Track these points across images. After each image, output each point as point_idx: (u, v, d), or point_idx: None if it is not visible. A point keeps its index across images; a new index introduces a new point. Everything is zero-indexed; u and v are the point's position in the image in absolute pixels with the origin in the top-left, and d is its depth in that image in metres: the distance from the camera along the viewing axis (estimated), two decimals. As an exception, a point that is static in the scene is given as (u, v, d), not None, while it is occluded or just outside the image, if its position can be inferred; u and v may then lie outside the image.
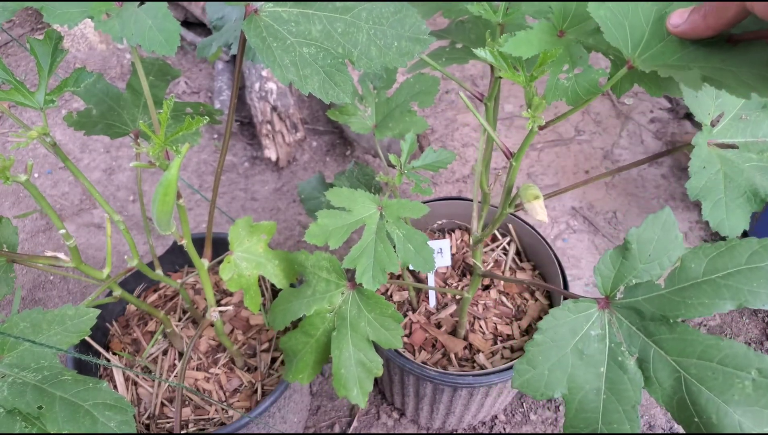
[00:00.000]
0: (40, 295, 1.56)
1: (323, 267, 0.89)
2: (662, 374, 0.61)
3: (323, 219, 0.81)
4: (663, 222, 0.66)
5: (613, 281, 0.67)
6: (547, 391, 0.64)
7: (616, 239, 1.66)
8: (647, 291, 0.64)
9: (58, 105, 1.10)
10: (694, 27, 0.53)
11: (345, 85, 0.62)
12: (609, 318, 0.66)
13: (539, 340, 0.65)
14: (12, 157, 0.64)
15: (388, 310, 0.84)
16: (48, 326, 0.68)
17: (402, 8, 0.62)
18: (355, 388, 0.84)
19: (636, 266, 0.66)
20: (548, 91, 0.61)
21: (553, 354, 0.65)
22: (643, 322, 0.63)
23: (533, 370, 0.65)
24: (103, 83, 0.90)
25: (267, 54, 0.61)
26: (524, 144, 0.66)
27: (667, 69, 0.53)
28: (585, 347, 0.65)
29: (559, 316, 0.65)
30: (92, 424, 0.62)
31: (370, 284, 0.79)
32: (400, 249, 0.80)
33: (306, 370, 0.88)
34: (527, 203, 0.66)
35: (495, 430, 1.32)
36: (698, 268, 0.61)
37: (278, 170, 1.85)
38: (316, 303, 0.87)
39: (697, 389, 0.58)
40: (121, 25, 0.59)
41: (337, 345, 0.85)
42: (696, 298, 0.60)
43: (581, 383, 0.64)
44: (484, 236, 0.88)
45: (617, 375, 0.63)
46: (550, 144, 1.91)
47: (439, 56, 0.84)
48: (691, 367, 0.59)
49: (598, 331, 0.65)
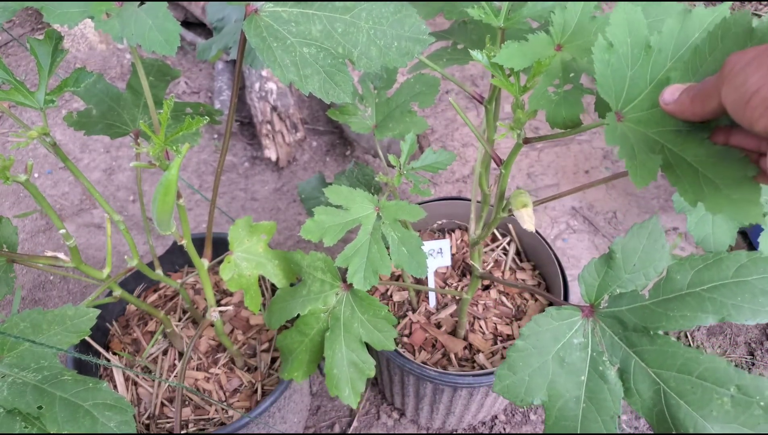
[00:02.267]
0: (40, 295, 1.56)
1: (318, 267, 0.89)
2: (642, 386, 0.60)
3: (320, 215, 0.81)
4: (649, 231, 0.65)
5: (597, 290, 0.66)
6: (527, 398, 0.64)
7: (616, 239, 1.66)
8: (631, 301, 0.63)
9: (58, 105, 1.10)
10: (682, 109, 0.52)
11: (345, 85, 0.62)
12: (592, 327, 0.65)
13: (521, 346, 0.64)
14: (12, 157, 0.64)
15: (381, 312, 0.85)
16: (48, 326, 0.68)
17: (402, 8, 0.62)
18: (347, 388, 0.84)
19: (620, 276, 0.65)
20: (533, 98, 0.60)
21: (534, 360, 0.64)
22: (626, 332, 0.62)
23: (514, 375, 0.64)
24: (103, 83, 0.90)
25: (267, 54, 0.61)
26: (512, 155, 0.66)
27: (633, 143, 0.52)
28: (567, 355, 0.64)
29: (542, 323, 0.65)
30: (92, 424, 0.62)
31: (360, 284, 0.80)
32: (394, 251, 0.80)
33: (301, 368, 0.89)
34: (516, 211, 0.66)
35: (495, 430, 1.32)
36: (684, 279, 0.60)
37: (278, 170, 1.85)
38: (311, 303, 0.87)
39: (676, 403, 0.57)
40: (121, 25, 0.59)
41: (330, 345, 0.85)
42: (678, 311, 0.59)
43: (561, 391, 0.63)
44: (482, 238, 0.88)
45: (597, 384, 0.62)
46: (550, 144, 1.91)
47: (440, 57, 0.84)
48: (671, 379, 0.58)
49: (581, 340, 0.64)
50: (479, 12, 0.66)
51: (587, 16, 0.63)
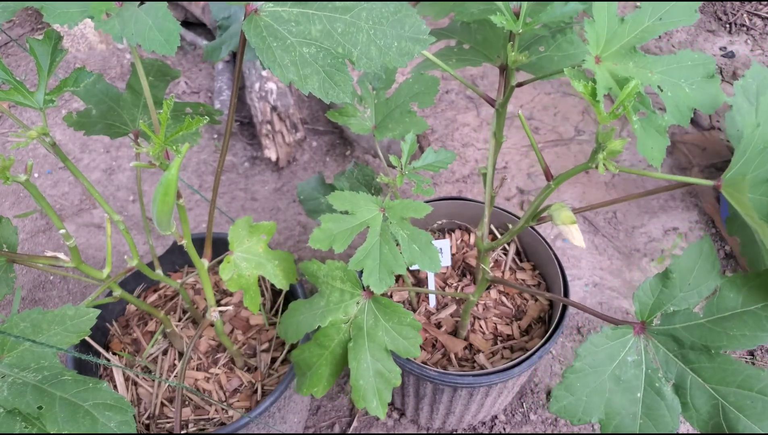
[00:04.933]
0: (40, 295, 1.56)
1: (337, 277, 0.86)
2: (699, 401, 0.62)
3: (327, 223, 0.80)
4: (703, 251, 0.67)
5: (651, 308, 0.68)
6: (584, 417, 0.65)
7: (616, 239, 1.66)
8: (685, 319, 0.65)
9: (57, 105, 1.10)
10: None
11: (345, 85, 0.62)
12: (645, 344, 0.67)
13: (578, 367, 0.66)
14: (12, 157, 0.64)
15: (406, 319, 0.83)
16: (48, 326, 0.68)
17: (402, 8, 0.62)
18: (374, 399, 0.82)
19: (675, 294, 0.67)
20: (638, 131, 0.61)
21: (592, 380, 0.66)
22: (682, 350, 0.65)
23: (571, 396, 0.65)
24: (103, 83, 0.90)
25: (267, 54, 0.61)
26: (570, 172, 0.66)
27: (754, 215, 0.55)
28: (622, 373, 0.66)
29: (598, 343, 0.66)
30: (92, 424, 0.62)
31: (376, 286, 0.78)
32: (405, 249, 0.80)
33: (321, 382, 0.86)
34: (563, 226, 0.66)
35: (495, 430, 1.32)
36: (737, 297, 0.63)
37: (278, 170, 1.85)
38: (331, 314, 0.85)
39: (735, 416, 0.60)
40: (121, 25, 0.59)
41: (355, 356, 0.83)
42: (738, 330, 0.62)
43: (618, 408, 0.65)
44: (497, 246, 0.88)
45: (654, 401, 0.64)
46: (551, 144, 1.91)
47: (447, 57, 0.83)
48: (730, 395, 0.61)
49: (635, 357, 0.66)
50: (501, 19, 0.67)
51: (615, 21, 0.64)
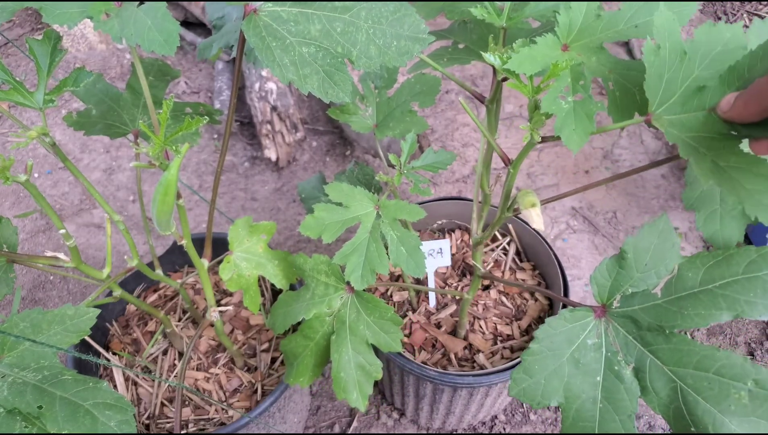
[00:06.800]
0: (40, 295, 1.56)
1: (322, 270, 0.88)
2: (659, 384, 0.61)
3: (319, 212, 0.81)
4: (660, 230, 0.66)
5: (609, 290, 0.67)
6: (543, 400, 0.64)
7: (616, 239, 1.66)
8: (643, 300, 0.64)
9: (57, 105, 1.10)
10: (740, 113, 0.55)
11: (344, 85, 0.62)
12: (605, 327, 0.65)
13: (536, 349, 0.65)
14: (12, 157, 0.64)
15: (387, 314, 0.84)
16: (48, 326, 0.68)
17: (401, 8, 0.62)
18: (354, 391, 0.84)
19: (632, 275, 0.65)
20: (546, 101, 0.61)
21: (550, 363, 0.64)
22: (640, 331, 0.63)
23: (530, 378, 0.64)
24: (103, 83, 0.90)
25: (266, 54, 0.61)
26: (522, 153, 0.66)
27: (686, 146, 0.54)
28: (581, 356, 0.64)
29: (556, 325, 0.65)
30: (92, 423, 0.62)
31: (357, 283, 0.79)
32: (393, 251, 0.80)
33: (306, 373, 0.88)
34: (524, 210, 0.66)
35: (495, 430, 1.32)
36: (695, 277, 0.61)
37: (278, 170, 1.85)
38: (315, 306, 0.87)
39: (694, 399, 0.58)
40: (121, 25, 0.59)
41: (337, 348, 0.85)
42: (692, 309, 0.60)
43: (578, 392, 0.64)
44: (484, 238, 0.88)
45: (614, 384, 0.63)
46: (550, 144, 1.91)
47: (440, 57, 0.84)
48: (688, 377, 0.59)
49: (595, 340, 0.65)
50: (482, 12, 0.66)
51: (592, 14, 0.63)
